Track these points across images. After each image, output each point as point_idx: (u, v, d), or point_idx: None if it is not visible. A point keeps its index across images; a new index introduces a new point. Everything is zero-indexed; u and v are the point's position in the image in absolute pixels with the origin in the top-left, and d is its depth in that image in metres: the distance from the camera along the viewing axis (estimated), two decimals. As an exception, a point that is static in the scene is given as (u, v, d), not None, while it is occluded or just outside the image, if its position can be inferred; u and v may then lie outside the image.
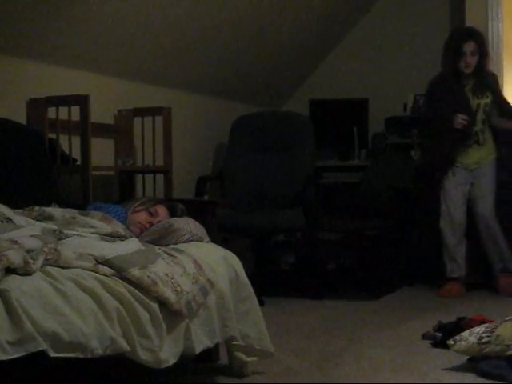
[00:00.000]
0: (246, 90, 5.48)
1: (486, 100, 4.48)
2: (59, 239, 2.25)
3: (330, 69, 6.01)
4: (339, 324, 3.74)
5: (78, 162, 3.59)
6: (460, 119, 4.36)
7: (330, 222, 4.71)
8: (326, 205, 4.76)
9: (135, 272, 2.19)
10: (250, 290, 2.73)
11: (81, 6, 3.67)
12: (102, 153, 3.99)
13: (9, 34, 3.45)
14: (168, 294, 2.24)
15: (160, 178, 4.19)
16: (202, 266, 2.50)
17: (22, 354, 1.80)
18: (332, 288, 4.66)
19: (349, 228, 4.72)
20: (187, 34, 4.50)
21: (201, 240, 2.77)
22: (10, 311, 1.80)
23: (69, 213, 2.64)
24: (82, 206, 2.97)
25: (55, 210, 2.64)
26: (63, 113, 3.55)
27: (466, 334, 2.81)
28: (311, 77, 6.09)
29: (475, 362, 2.76)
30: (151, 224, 2.83)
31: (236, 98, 5.46)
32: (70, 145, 3.58)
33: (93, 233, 2.45)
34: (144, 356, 2.14)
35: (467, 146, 4.48)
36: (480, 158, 4.54)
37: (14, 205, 2.56)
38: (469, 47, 4.35)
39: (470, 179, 4.55)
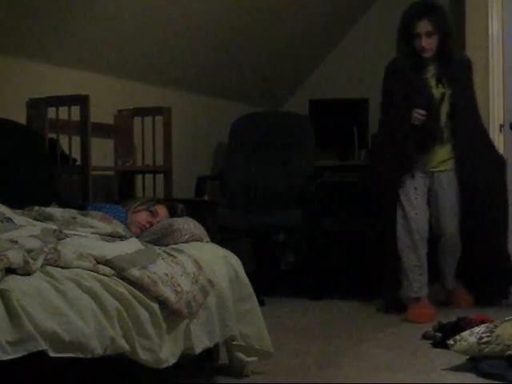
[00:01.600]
0: (246, 90, 5.48)
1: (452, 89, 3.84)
2: (59, 239, 2.25)
3: (330, 69, 6.01)
4: (339, 324, 3.74)
5: (78, 162, 3.59)
6: (415, 114, 3.69)
7: (330, 222, 4.71)
8: (326, 205, 4.75)
9: (135, 272, 2.19)
10: (250, 289, 2.74)
11: (81, 6, 3.67)
12: (102, 153, 3.99)
13: (9, 34, 3.45)
14: (168, 293, 2.24)
15: (160, 178, 4.19)
16: (202, 266, 2.50)
17: (22, 353, 1.80)
18: (332, 288, 4.65)
19: (349, 228, 4.72)
20: (187, 34, 4.50)
21: (201, 240, 2.77)
22: (10, 311, 1.80)
23: (69, 213, 2.65)
24: (82, 206, 2.98)
25: (55, 210, 2.64)
26: (63, 113, 3.55)
27: (466, 334, 2.81)
28: (311, 77, 6.08)
29: (475, 362, 2.76)
30: (151, 224, 2.83)
31: (236, 98, 5.46)
32: (70, 145, 3.58)
33: (93, 233, 2.45)
34: (144, 356, 2.14)
35: (429, 146, 3.81)
36: (442, 159, 3.88)
37: (14, 205, 2.56)
38: (423, 27, 3.66)
39: (428, 184, 3.90)
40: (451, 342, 2.83)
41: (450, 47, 3.77)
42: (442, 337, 3.14)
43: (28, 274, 1.94)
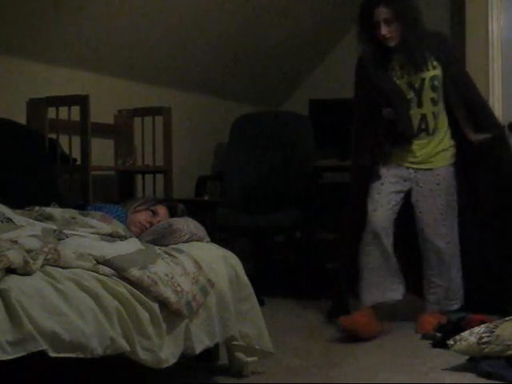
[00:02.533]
0: (246, 90, 5.48)
1: (435, 71, 3.38)
2: (59, 239, 2.25)
3: (330, 69, 6.00)
4: (339, 324, 3.73)
5: (78, 162, 3.59)
6: (385, 112, 3.41)
7: (330, 222, 4.70)
8: (326, 205, 4.75)
9: (135, 272, 2.19)
10: (250, 289, 2.74)
11: (81, 6, 3.67)
12: (102, 153, 3.99)
13: (9, 34, 3.46)
14: (168, 293, 2.24)
15: (160, 178, 4.19)
16: (202, 266, 2.50)
17: (22, 353, 1.80)
18: (332, 288, 4.64)
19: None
20: (187, 34, 4.50)
21: (201, 240, 2.77)
22: (10, 311, 1.80)
23: (69, 213, 2.64)
24: (82, 205, 2.98)
25: (55, 210, 2.64)
26: (63, 113, 3.55)
27: (466, 334, 2.81)
28: (311, 77, 6.08)
29: (475, 362, 2.76)
30: (151, 224, 2.83)
31: (236, 98, 5.46)
32: (70, 145, 3.58)
33: (93, 233, 2.45)
34: (144, 356, 2.14)
35: (401, 141, 3.41)
36: (429, 154, 3.44)
37: (14, 205, 2.56)
38: (380, 14, 3.28)
39: (408, 182, 3.45)
40: (451, 342, 2.83)
41: (417, 32, 3.32)
42: (442, 337, 3.14)
43: (28, 274, 1.94)
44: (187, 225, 2.76)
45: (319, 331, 3.57)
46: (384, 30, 3.30)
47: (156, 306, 2.20)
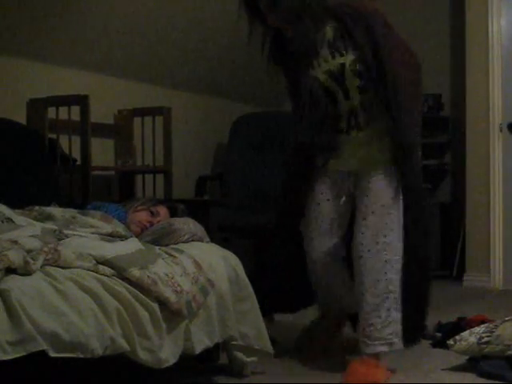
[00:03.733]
0: (246, 89, 5.48)
1: (355, 54, 2.68)
2: (59, 239, 2.25)
3: (329, 69, 6.00)
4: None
5: (78, 162, 3.59)
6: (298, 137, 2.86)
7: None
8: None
9: (135, 272, 2.19)
10: (249, 289, 2.73)
11: (81, 6, 3.68)
12: (102, 153, 4.00)
13: (9, 34, 3.46)
14: (168, 293, 2.24)
15: (160, 177, 4.19)
16: (202, 266, 2.50)
17: (22, 354, 1.80)
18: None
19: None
20: (187, 34, 4.50)
21: (201, 240, 2.77)
22: (10, 311, 1.80)
23: (69, 213, 2.65)
24: (82, 205, 2.98)
25: (55, 210, 2.64)
26: (63, 113, 3.55)
27: (466, 334, 2.81)
28: (311, 77, 6.08)
29: (475, 362, 2.76)
30: (151, 224, 2.84)
31: (236, 98, 5.46)
32: (70, 145, 3.58)
33: (93, 233, 2.45)
34: (144, 356, 2.14)
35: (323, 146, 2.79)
36: (362, 154, 2.77)
37: (14, 205, 2.56)
38: (262, 2, 2.69)
39: (346, 190, 2.84)
40: (451, 342, 2.84)
41: (311, 14, 2.66)
42: (442, 337, 3.14)
43: (28, 273, 1.94)
44: (187, 225, 2.76)
45: (319, 331, 3.56)
46: (271, 20, 2.71)
47: (156, 306, 2.21)
